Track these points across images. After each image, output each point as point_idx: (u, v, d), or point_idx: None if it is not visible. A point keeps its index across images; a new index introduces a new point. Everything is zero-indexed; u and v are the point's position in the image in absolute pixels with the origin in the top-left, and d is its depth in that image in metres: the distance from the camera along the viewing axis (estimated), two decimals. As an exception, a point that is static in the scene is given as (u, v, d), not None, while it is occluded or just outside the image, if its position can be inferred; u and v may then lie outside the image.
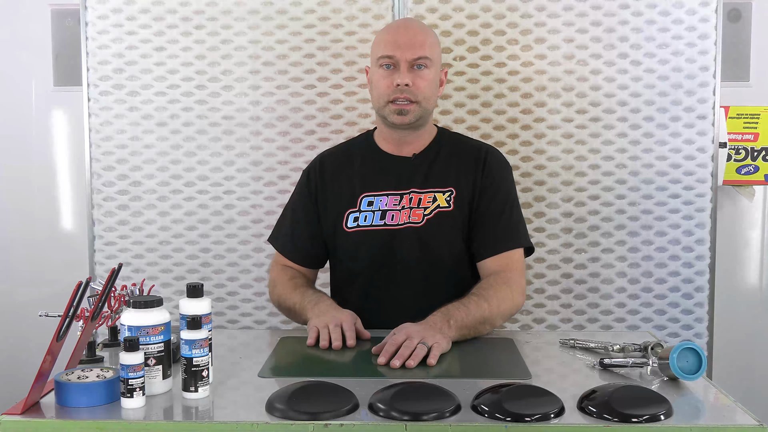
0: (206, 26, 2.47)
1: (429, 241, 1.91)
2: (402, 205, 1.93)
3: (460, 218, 1.93)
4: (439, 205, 1.92)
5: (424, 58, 1.87)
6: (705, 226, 2.45)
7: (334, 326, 1.72)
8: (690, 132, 2.43)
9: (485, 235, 1.92)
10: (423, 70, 1.88)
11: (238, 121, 2.49)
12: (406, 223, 1.91)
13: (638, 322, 2.48)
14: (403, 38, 1.88)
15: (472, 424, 1.24)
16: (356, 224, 1.94)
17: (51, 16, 2.87)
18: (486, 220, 1.93)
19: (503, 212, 1.94)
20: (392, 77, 1.87)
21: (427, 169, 1.96)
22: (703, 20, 2.40)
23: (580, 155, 2.45)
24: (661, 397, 1.32)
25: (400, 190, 1.94)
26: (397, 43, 1.87)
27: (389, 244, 1.91)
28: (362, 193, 1.95)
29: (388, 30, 1.96)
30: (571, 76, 2.43)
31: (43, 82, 2.91)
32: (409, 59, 1.86)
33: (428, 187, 1.94)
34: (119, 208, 2.52)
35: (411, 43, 1.87)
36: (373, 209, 1.93)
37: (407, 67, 1.86)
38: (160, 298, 1.42)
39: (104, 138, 2.50)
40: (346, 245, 1.96)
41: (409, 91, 1.87)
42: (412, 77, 1.86)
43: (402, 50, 1.86)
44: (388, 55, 1.88)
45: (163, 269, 2.53)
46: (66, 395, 1.31)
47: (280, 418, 1.26)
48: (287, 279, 2.00)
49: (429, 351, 1.57)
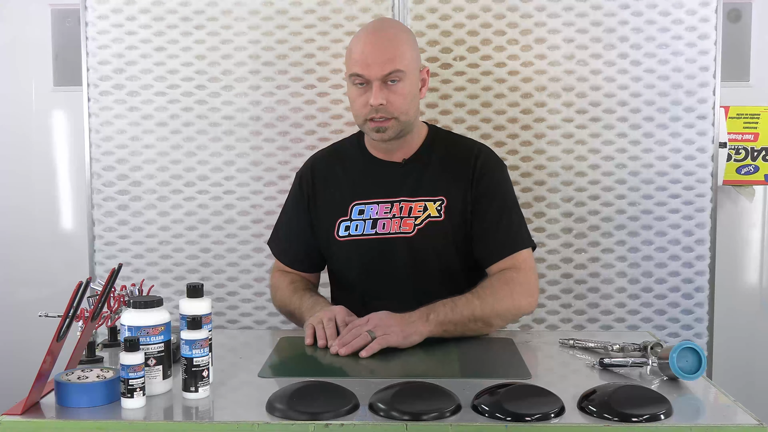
0: (206, 26, 2.47)
1: (420, 251, 1.88)
2: (393, 214, 1.90)
3: (452, 229, 1.89)
4: (430, 214, 1.89)
5: (396, 71, 1.79)
6: (705, 226, 2.45)
7: (327, 320, 1.72)
8: (690, 132, 2.44)
9: (488, 243, 1.90)
10: (397, 84, 1.80)
11: (238, 121, 2.49)
12: (397, 232, 1.89)
13: (638, 322, 2.48)
14: (371, 55, 1.79)
15: (472, 424, 1.24)
16: (347, 233, 1.91)
17: (51, 16, 2.86)
18: (487, 227, 1.90)
19: (502, 218, 1.91)
20: (365, 96, 1.81)
21: (418, 176, 1.92)
22: (703, 20, 2.41)
23: (580, 155, 2.45)
24: (661, 396, 1.32)
25: (389, 197, 1.91)
26: (366, 62, 1.79)
27: (381, 254, 1.88)
28: (353, 200, 1.92)
29: (357, 42, 1.85)
30: (571, 76, 2.43)
31: (43, 82, 2.91)
32: (380, 77, 1.79)
33: (418, 196, 1.90)
34: (119, 208, 2.52)
35: (380, 59, 1.78)
36: (364, 218, 1.91)
37: (380, 84, 1.79)
38: (160, 299, 1.42)
39: (104, 138, 2.50)
40: (338, 254, 1.95)
41: (384, 109, 1.80)
42: (386, 94, 1.79)
43: (371, 68, 1.78)
44: (358, 74, 1.80)
45: (163, 269, 2.53)
46: (66, 395, 1.31)
47: (280, 418, 1.26)
48: (287, 284, 2.00)
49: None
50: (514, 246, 1.90)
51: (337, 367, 1.63)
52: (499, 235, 1.90)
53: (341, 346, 1.62)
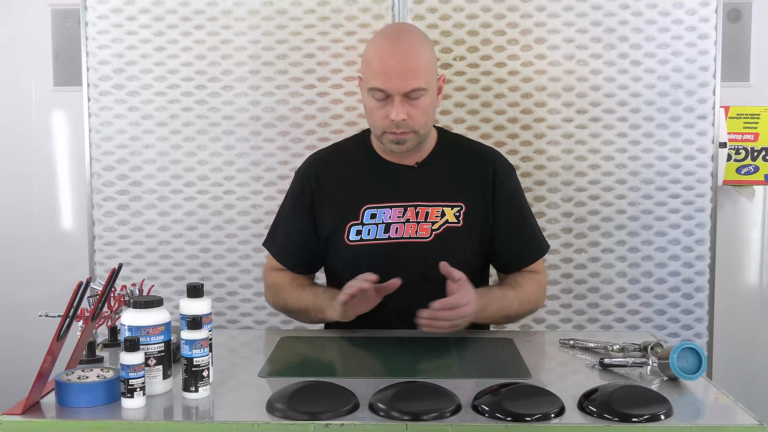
0: (206, 26, 2.47)
1: (437, 256, 1.78)
2: (406, 218, 1.86)
3: (470, 235, 1.88)
4: (448, 220, 1.87)
5: (419, 89, 1.75)
6: (705, 226, 2.45)
7: (358, 286, 1.70)
8: (690, 132, 2.44)
9: (511, 251, 1.94)
10: (419, 99, 1.77)
11: (238, 121, 2.49)
12: (412, 237, 1.85)
13: (638, 322, 2.48)
14: (393, 69, 1.74)
15: (472, 424, 1.24)
16: (359, 237, 1.87)
17: (51, 16, 2.87)
18: (510, 236, 1.92)
19: (524, 226, 1.95)
20: (386, 109, 1.77)
21: (433, 180, 1.89)
22: (703, 20, 2.40)
23: (580, 155, 2.45)
24: (661, 397, 1.32)
25: (403, 201, 1.87)
26: (387, 75, 1.74)
27: (393, 259, 1.84)
28: (364, 204, 1.87)
29: (378, 55, 1.78)
30: (571, 76, 2.43)
31: (43, 82, 2.91)
32: (402, 92, 1.75)
33: (435, 201, 1.87)
34: (119, 208, 2.52)
35: (403, 73, 1.74)
36: (376, 222, 1.86)
37: (401, 99, 1.75)
38: (160, 298, 1.42)
39: (104, 138, 2.50)
40: (346, 258, 1.89)
41: (404, 124, 1.77)
42: (407, 109, 1.76)
43: (393, 83, 1.74)
44: (380, 89, 1.76)
45: (163, 269, 2.53)
46: (66, 395, 1.31)
47: (280, 418, 1.26)
48: (289, 281, 1.96)
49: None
50: (537, 254, 1.97)
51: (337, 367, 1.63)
52: (524, 243, 1.95)
53: (431, 318, 1.67)
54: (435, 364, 1.64)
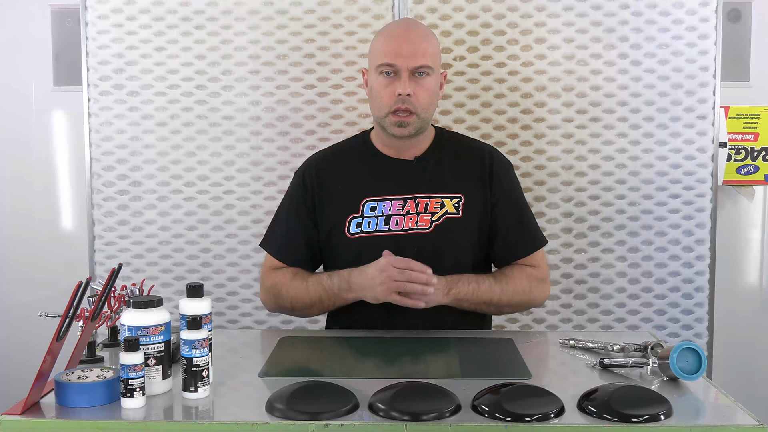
0: (206, 26, 2.47)
1: (437, 247, 1.87)
2: (406, 210, 1.89)
3: (470, 227, 1.91)
4: (448, 211, 1.90)
5: (426, 67, 1.84)
6: (705, 226, 2.45)
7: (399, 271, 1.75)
8: (690, 132, 2.44)
9: (508, 243, 1.95)
10: (424, 78, 1.85)
11: (238, 121, 2.49)
12: (412, 228, 1.88)
13: (638, 322, 2.48)
14: (405, 47, 1.83)
15: (472, 424, 1.24)
16: (360, 230, 1.89)
17: (51, 16, 2.87)
18: (506, 228, 1.94)
19: (520, 218, 1.97)
20: (393, 86, 1.84)
21: (432, 173, 1.93)
22: (703, 20, 2.41)
23: (580, 155, 2.45)
24: (661, 397, 1.32)
25: (403, 194, 1.91)
26: (398, 51, 1.83)
27: (394, 251, 1.83)
28: (364, 197, 1.91)
29: (389, 36, 1.90)
30: (571, 76, 2.43)
31: (43, 82, 2.91)
32: (411, 68, 1.83)
33: (435, 192, 1.91)
34: (119, 208, 2.52)
35: (413, 51, 1.83)
36: (376, 214, 1.90)
37: (408, 75, 1.83)
38: (160, 298, 1.42)
39: (104, 138, 2.50)
40: (347, 251, 1.90)
41: (409, 101, 1.83)
42: (414, 86, 1.83)
43: (404, 59, 1.83)
44: (389, 63, 1.84)
45: (163, 269, 2.53)
46: (66, 395, 1.31)
47: (280, 418, 1.26)
48: (292, 277, 1.94)
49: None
50: (533, 246, 1.97)
51: (337, 367, 1.63)
52: (518, 235, 1.96)
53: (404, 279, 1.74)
54: (435, 364, 1.64)
